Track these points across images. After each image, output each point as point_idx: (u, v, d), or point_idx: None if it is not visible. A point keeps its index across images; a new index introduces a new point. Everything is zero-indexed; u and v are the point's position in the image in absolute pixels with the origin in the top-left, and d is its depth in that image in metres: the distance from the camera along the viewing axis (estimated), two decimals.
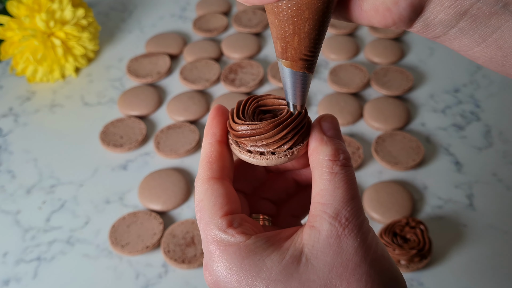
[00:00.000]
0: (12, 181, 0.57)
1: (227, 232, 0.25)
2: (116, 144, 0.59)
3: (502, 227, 0.49)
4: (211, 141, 0.28)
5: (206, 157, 0.27)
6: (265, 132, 0.25)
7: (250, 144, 0.26)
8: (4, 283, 0.48)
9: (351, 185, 0.25)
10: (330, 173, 0.25)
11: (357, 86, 0.64)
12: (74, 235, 0.51)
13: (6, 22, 0.64)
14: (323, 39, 0.25)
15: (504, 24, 0.23)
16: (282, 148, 0.26)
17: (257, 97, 0.28)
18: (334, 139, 0.26)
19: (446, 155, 0.56)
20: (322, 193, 0.25)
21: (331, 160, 0.25)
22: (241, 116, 0.27)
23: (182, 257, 0.47)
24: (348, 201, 0.24)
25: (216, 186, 0.26)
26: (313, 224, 0.24)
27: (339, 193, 0.24)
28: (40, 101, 0.68)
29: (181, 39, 0.75)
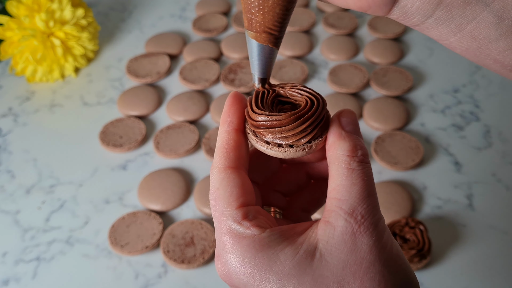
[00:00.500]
0: (11, 181, 0.57)
1: (242, 224, 0.24)
2: (116, 144, 0.59)
3: (502, 227, 0.49)
4: (228, 129, 0.27)
5: (223, 145, 0.27)
6: (285, 124, 0.25)
7: (269, 136, 0.26)
8: (3, 283, 0.48)
9: (368, 182, 0.25)
10: (347, 169, 0.25)
11: (356, 86, 0.64)
12: (74, 235, 0.51)
13: (6, 22, 0.64)
14: (289, 15, 0.25)
15: (479, 15, 0.23)
16: (301, 141, 0.26)
17: (275, 88, 0.28)
18: (352, 134, 0.26)
19: (446, 155, 0.56)
20: (339, 188, 0.25)
21: (348, 155, 0.25)
22: (260, 105, 0.26)
23: (181, 257, 0.47)
24: (364, 198, 0.24)
25: (233, 176, 0.26)
26: (328, 220, 0.24)
27: (355, 190, 0.24)
28: (40, 101, 0.68)
29: (181, 39, 0.75)
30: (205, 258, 0.47)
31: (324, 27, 0.75)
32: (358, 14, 0.79)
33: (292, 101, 0.28)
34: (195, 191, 0.54)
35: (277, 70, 0.67)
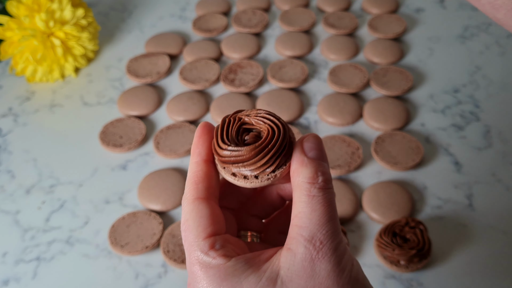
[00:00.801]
0: (11, 181, 0.57)
1: (209, 254, 0.26)
2: (116, 144, 0.59)
3: (502, 227, 0.49)
4: (197, 161, 0.28)
5: (192, 177, 0.28)
6: (248, 159, 0.26)
7: (235, 169, 0.27)
8: (3, 283, 0.48)
9: (328, 207, 0.25)
10: (308, 196, 0.25)
11: (356, 86, 0.64)
12: (74, 235, 0.51)
13: (6, 22, 0.64)
14: None
15: None
16: (265, 172, 0.27)
17: (241, 116, 0.29)
18: (315, 160, 0.26)
19: (446, 155, 0.56)
20: (300, 215, 0.25)
21: (309, 182, 0.26)
22: (225, 139, 0.27)
23: (181, 257, 0.47)
24: (323, 224, 0.25)
25: (201, 207, 0.27)
26: (290, 247, 0.25)
27: (315, 216, 0.25)
28: (40, 101, 0.68)
29: (181, 39, 0.75)
30: None
31: (324, 27, 0.75)
32: (358, 14, 0.79)
33: (257, 128, 0.28)
34: None
35: (277, 70, 0.67)
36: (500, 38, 0.73)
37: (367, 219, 0.51)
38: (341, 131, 0.60)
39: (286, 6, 0.81)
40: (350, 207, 0.51)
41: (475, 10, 0.79)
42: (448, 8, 0.80)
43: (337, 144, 0.57)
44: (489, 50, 0.71)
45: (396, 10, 0.79)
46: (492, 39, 0.72)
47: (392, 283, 0.45)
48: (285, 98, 0.63)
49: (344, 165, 0.54)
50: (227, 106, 0.63)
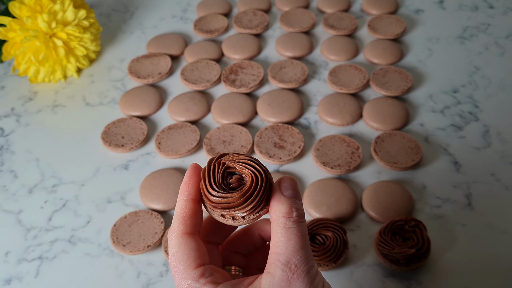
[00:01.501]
0: (14, 181, 0.58)
1: (199, 281, 0.29)
2: (118, 144, 0.60)
3: (501, 226, 0.49)
4: (186, 199, 0.32)
5: (181, 213, 0.32)
6: (237, 205, 0.30)
7: (224, 212, 0.31)
8: (6, 282, 0.48)
9: (301, 237, 0.30)
10: (284, 227, 0.30)
11: (356, 86, 0.64)
12: (76, 234, 0.52)
13: (8, 23, 0.64)
14: None
15: None
16: (252, 213, 0.31)
17: (224, 161, 0.32)
18: (290, 198, 0.31)
19: (445, 155, 0.57)
20: (277, 244, 0.30)
21: (285, 217, 0.30)
22: (213, 185, 0.31)
23: None
24: (298, 250, 0.29)
25: (189, 241, 0.31)
26: (269, 271, 0.29)
27: (290, 244, 0.29)
28: (42, 101, 0.68)
29: (182, 40, 0.76)
30: None
31: (324, 28, 0.76)
32: (358, 15, 0.79)
33: (240, 172, 0.32)
34: None
35: (278, 70, 0.68)
36: (499, 38, 0.73)
37: (367, 218, 0.51)
38: (341, 131, 0.61)
39: (286, 7, 0.81)
40: (350, 207, 0.51)
41: (474, 11, 0.79)
42: (447, 9, 0.80)
43: (337, 144, 0.57)
44: (488, 51, 0.71)
45: (396, 11, 0.80)
46: (491, 40, 0.73)
47: (391, 282, 0.46)
48: (286, 98, 0.64)
49: (344, 165, 0.55)
50: (228, 107, 0.63)
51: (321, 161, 0.56)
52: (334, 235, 0.47)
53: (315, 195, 0.52)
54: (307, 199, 0.52)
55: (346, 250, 0.47)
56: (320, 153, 0.56)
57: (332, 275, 0.47)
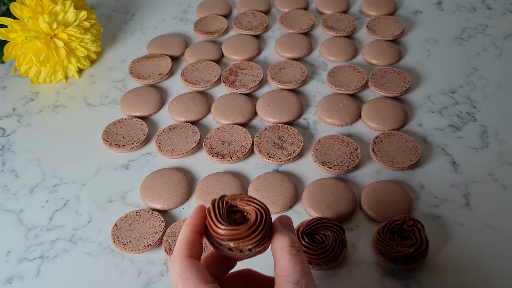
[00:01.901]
0: (15, 181, 0.58)
1: None
2: (118, 144, 0.60)
3: (498, 226, 0.50)
4: (192, 229, 0.34)
5: (186, 240, 0.33)
6: (246, 235, 0.33)
7: (233, 245, 0.33)
8: (7, 281, 0.49)
9: (305, 264, 0.33)
10: (290, 254, 0.33)
11: (355, 87, 0.65)
12: (77, 234, 0.52)
13: (9, 24, 0.65)
14: None
15: None
16: (259, 245, 0.34)
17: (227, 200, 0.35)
18: (290, 232, 0.35)
19: (443, 155, 0.57)
20: (285, 268, 0.32)
21: (290, 246, 0.33)
22: (220, 220, 0.33)
23: None
24: (305, 275, 0.32)
25: (196, 262, 0.32)
26: None
27: (298, 268, 0.32)
28: (43, 101, 0.69)
29: (182, 41, 0.76)
30: None
31: (323, 29, 0.76)
32: (357, 16, 0.80)
33: (241, 210, 0.35)
34: (197, 190, 0.54)
35: (277, 71, 0.68)
36: (497, 39, 0.73)
37: (366, 218, 0.52)
38: (340, 131, 0.61)
39: (285, 9, 0.82)
40: (348, 206, 0.51)
41: (472, 12, 0.80)
42: (445, 10, 0.81)
43: (336, 144, 0.58)
44: (486, 52, 0.71)
45: (394, 12, 0.80)
46: (489, 41, 0.73)
47: (390, 281, 0.46)
48: (285, 99, 0.64)
49: (342, 165, 0.55)
50: (228, 107, 0.63)
51: (320, 161, 0.56)
52: (333, 234, 0.47)
53: (314, 194, 0.53)
54: (306, 199, 0.53)
55: (345, 250, 0.47)
56: (319, 153, 0.57)
57: (331, 274, 0.47)
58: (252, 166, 0.58)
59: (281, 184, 0.54)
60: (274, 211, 0.52)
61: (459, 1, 0.82)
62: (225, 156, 0.57)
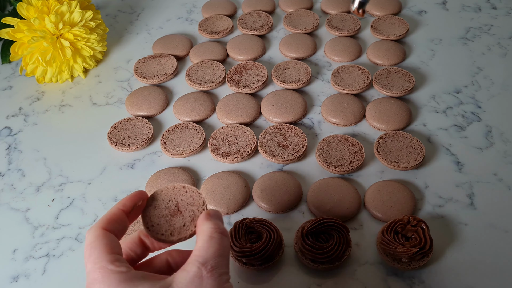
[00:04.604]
0: (22, 180, 0.58)
1: (114, 264, 0.31)
2: (124, 144, 0.60)
3: (503, 226, 0.50)
4: (118, 207, 0.36)
5: (109, 215, 0.35)
6: (256, 253, 0.45)
7: (245, 259, 0.46)
8: (13, 279, 0.49)
9: (222, 246, 0.33)
10: (209, 236, 0.34)
11: (359, 87, 0.65)
12: (83, 232, 0.52)
13: (16, 24, 0.65)
14: None
15: None
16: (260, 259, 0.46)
17: (246, 222, 0.48)
18: (215, 218, 0.36)
19: (447, 155, 0.57)
20: (199, 248, 0.33)
21: (212, 227, 0.34)
22: (238, 240, 0.46)
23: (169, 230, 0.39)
24: (216, 257, 0.33)
25: (108, 235, 0.33)
26: (185, 268, 0.32)
27: (211, 250, 0.33)
28: (49, 101, 0.69)
29: (187, 41, 0.76)
30: None
31: (328, 29, 0.76)
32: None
33: (257, 230, 0.47)
34: (201, 190, 0.55)
35: (281, 71, 0.68)
36: (502, 39, 0.73)
37: (370, 217, 0.52)
38: (344, 131, 0.61)
39: (290, 9, 0.82)
40: (353, 206, 0.51)
41: (477, 11, 0.79)
42: (450, 10, 0.80)
43: (340, 143, 0.58)
44: (490, 51, 0.71)
45: (399, 12, 0.80)
46: (494, 41, 0.73)
47: (394, 281, 0.46)
48: (289, 98, 0.64)
49: (347, 165, 0.55)
50: (233, 107, 0.64)
51: (324, 161, 0.56)
52: (337, 234, 0.47)
53: (319, 194, 0.53)
54: (310, 198, 0.53)
55: (349, 249, 0.47)
56: (323, 153, 0.57)
57: (335, 274, 0.47)
58: (257, 165, 0.58)
59: (285, 184, 0.54)
60: (278, 210, 0.52)
61: (464, 1, 0.82)
62: (230, 155, 0.57)
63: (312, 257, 0.46)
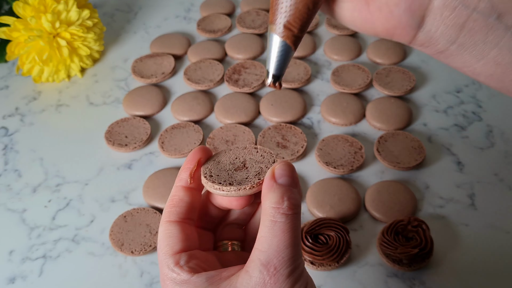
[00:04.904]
0: (18, 180, 0.58)
1: (174, 271, 0.28)
2: (121, 144, 0.60)
3: (504, 226, 0.49)
4: (177, 185, 0.32)
5: (169, 201, 0.31)
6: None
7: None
8: (10, 281, 0.48)
9: (289, 233, 0.27)
10: (271, 221, 0.27)
11: (359, 86, 0.65)
12: (80, 233, 0.52)
13: (12, 23, 0.65)
14: (311, 17, 0.27)
15: (501, 40, 0.24)
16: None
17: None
18: (283, 186, 0.28)
19: (448, 155, 0.57)
20: (261, 240, 0.27)
21: (274, 207, 0.27)
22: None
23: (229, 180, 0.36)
24: (281, 250, 0.26)
25: (171, 228, 0.30)
26: (248, 269, 0.27)
27: (275, 242, 0.26)
28: (46, 101, 0.68)
29: (186, 40, 0.76)
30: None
31: (327, 28, 0.76)
32: None
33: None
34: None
35: None
36: None
37: (370, 218, 0.51)
38: (344, 131, 0.61)
39: None
40: (353, 206, 0.51)
41: None
42: None
43: (340, 143, 0.57)
44: None
45: None
46: None
47: (394, 282, 0.46)
48: (289, 98, 0.64)
49: (347, 165, 0.55)
50: (231, 106, 0.63)
51: (324, 161, 0.56)
52: (337, 234, 0.47)
53: (318, 194, 0.52)
54: (310, 199, 0.52)
55: (349, 250, 0.47)
56: (323, 153, 0.57)
57: (335, 275, 0.47)
58: None
59: None
60: None
61: None
62: None
63: (311, 259, 0.46)
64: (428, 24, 0.25)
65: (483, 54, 0.25)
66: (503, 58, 0.25)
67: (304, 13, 0.27)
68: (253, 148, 0.33)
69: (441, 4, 0.24)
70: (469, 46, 0.25)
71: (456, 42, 0.25)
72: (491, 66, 0.26)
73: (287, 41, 0.27)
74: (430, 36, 0.26)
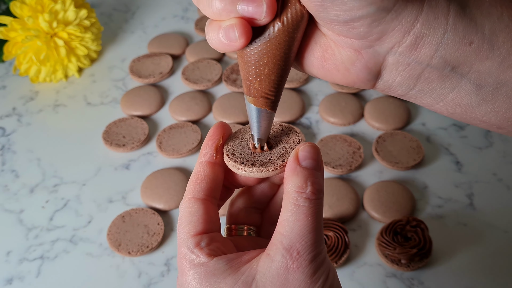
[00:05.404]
0: (15, 181, 0.58)
1: (194, 252, 0.27)
2: (119, 144, 0.60)
3: (502, 226, 0.49)
4: (202, 161, 0.30)
5: (194, 176, 0.29)
6: None
7: None
8: (7, 282, 0.48)
9: (312, 218, 0.26)
10: (294, 205, 0.26)
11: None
12: (77, 234, 0.52)
13: (9, 23, 0.64)
14: (284, 82, 0.27)
15: (458, 85, 0.25)
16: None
17: None
18: (306, 169, 0.27)
19: (447, 154, 0.57)
20: (283, 223, 0.26)
21: (297, 191, 0.26)
22: None
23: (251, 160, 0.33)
24: (304, 235, 0.25)
25: (195, 206, 0.28)
26: (269, 253, 0.26)
27: (298, 226, 0.26)
28: (43, 101, 0.68)
29: (183, 40, 0.76)
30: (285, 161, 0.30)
31: None
32: None
33: None
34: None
35: None
36: None
37: (369, 218, 0.51)
38: (343, 130, 0.61)
39: None
40: (351, 206, 0.51)
41: None
42: None
43: (339, 143, 0.57)
44: None
45: None
46: None
47: (393, 282, 0.46)
48: (287, 98, 0.64)
49: (345, 165, 0.55)
50: (229, 106, 0.63)
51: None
52: (336, 235, 0.47)
53: None
54: None
55: (348, 250, 0.47)
56: (321, 153, 0.56)
57: None
58: None
59: None
60: None
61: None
62: None
63: None
64: (385, 76, 0.26)
65: (442, 97, 0.26)
66: (462, 100, 0.25)
67: (276, 80, 0.27)
68: (278, 125, 0.33)
69: (395, 61, 0.25)
70: (427, 91, 0.26)
71: (414, 88, 0.26)
72: (451, 107, 0.26)
73: (266, 109, 0.28)
74: (389, 85, 0.26)
